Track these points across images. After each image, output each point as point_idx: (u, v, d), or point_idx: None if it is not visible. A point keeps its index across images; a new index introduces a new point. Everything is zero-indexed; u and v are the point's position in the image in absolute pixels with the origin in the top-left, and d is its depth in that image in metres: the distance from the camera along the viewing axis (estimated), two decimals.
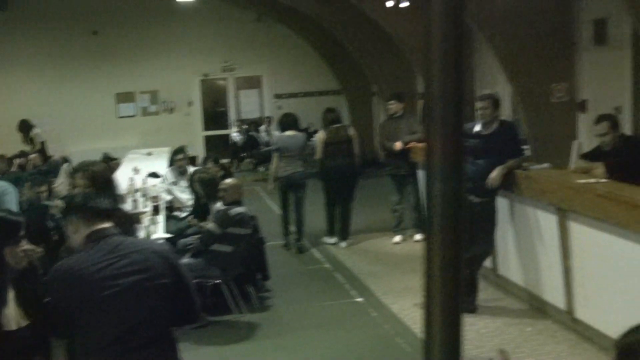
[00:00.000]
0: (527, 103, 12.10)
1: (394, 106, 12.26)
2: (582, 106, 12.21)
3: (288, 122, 12.45)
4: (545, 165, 8.93)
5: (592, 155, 8.41)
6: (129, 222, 5.14)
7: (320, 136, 12.43)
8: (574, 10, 12.35)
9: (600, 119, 8.20)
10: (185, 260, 9.02)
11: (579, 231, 7.79)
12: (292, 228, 12.54)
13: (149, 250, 4.28)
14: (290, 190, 12.25)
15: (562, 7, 12.24)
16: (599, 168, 7.94)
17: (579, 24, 12.30)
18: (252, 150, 21.65)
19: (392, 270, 10.92)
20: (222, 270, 8.85)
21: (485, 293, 9.48)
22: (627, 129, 11.18)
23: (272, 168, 12.45)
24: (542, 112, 12.17)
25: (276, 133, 13.72)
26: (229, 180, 9.53)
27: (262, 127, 22.05)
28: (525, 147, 11.94)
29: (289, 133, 12.28)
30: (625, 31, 11.14)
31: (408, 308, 9.24)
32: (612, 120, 8.14)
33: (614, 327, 7.29)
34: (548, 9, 12.14)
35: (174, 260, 4.37)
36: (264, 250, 10.23)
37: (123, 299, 4.07)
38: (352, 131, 12.70)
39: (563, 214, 7.93)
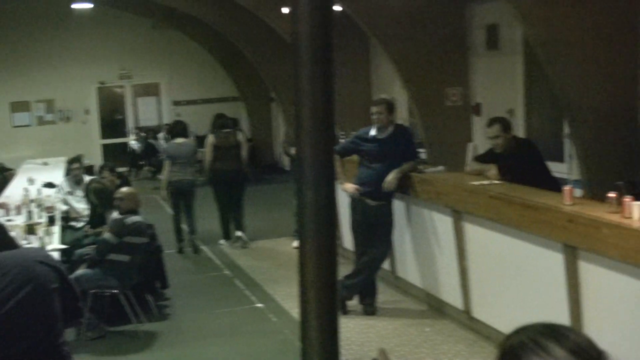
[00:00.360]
0: (423, 107, 12.26)
1: None
2: (476, 109, 12.43)
3: (177, 130, 12.80)
4: (440, 168, 9.04)
5: (485, 158, 8.56)
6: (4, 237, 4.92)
7: (209, 140, 12.73)
8: (467, 16, 12.56)
9: (492, 122, 8.35)
10: (82, 270, 8.87)
11: (474, 232, 7.92)
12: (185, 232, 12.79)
13: (30, 259, 4.16)
14: (180, 196, 12.48)
15: (455, 13, 12.43)
16: (492, 170, 8.09)
17: (471, 29, 12.52)
18: (151, 158, 21.41)
19: (293, 275, 10.77)
20: (120, 280, 8.70)
21: (384, 295, 9.56)
22: (519, 131, 11.42)
23: (164, 175, 12.64)
24: (437, 116, 12.35)
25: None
26: (124, 189, 9.39)
27: (161, 135, 21.78)
28: (421, 150, 12.12)
29: (178, 141, 12.55)
30: (516, 36, 11.37)
31: None
32: (503, 122, 8.28)
33: (510, 325, 7.42)
34: (442, 14, 12.31)
35: (55, 263, 4.28)
36: (162, 258, 10.12)
37: (15, 318, 3.95)
38: (241, 136, 13.11)
39: (458, 215, 8.06)
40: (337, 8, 12.56)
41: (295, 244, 12.31)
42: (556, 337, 2.03)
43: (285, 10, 13.43)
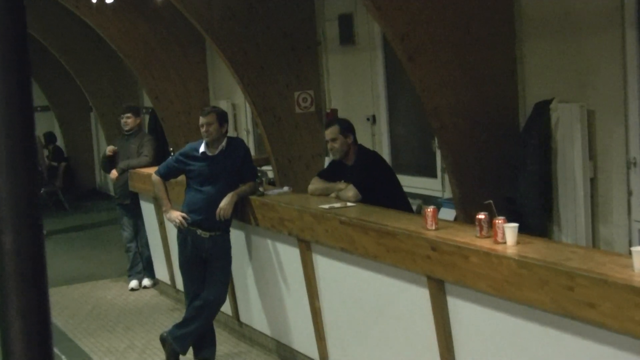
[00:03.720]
0: (267, 115, 12.20)
1: (131, 121, 12.09)
2: (331, 117, 12.42)
3: None
4: (285, 189, 9.01)
5: (330, 173, 8.58)
6: None
7: None
8: (315, 4, 12.63)
9: (329, 123, 8.49)
10: None
11: (325, 266, 7.90)
12: None
13: None
14: None
15: (301, 1, 12.49)
16: (349, 190, 8.07)
17: (322, 20, 12.57)
18: None
19: (115, 326, 10.75)
20: None
21: (226, 345, 9.51)
22: (383, 141, 11.52)
23: None
24: (285, 126, 12.33)
25: None
26: None
27: None
28: (267, 168, 12.13)
29: None
30: (375, 28, 11.42)
31: None
32: (342, 124, 8.36)
33: None
34: (284, 3, 12.33)
35: None
36: None
37: None
38: None
39: (306, 246, 8.02)
40: None
41: (133, 284, 12.20)
42: None
43: None
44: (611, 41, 8.15)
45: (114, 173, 11.93)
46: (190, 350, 8.93)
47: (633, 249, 5.14)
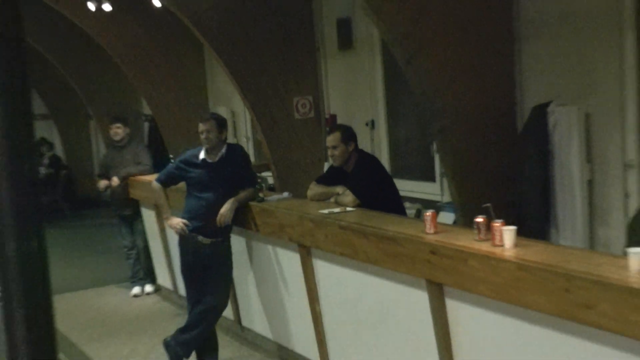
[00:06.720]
0: (266, 121, 12.21)
1: (121, 131, 12.22)
2: (331, 122, 12.46)
3: None
4: (285, 194, 9.04)
5: (329, 178, 8.62)
6: None
7: None
8: (314, 8, 12.66)
9: (332, 129, 8.53)
10: None
11: (325, 270, 7.95)
12: None
13: None
14: None
15: (299, 6, 12.51)
16: (347, 196, 8.10)
17: (321, 25, 12.61)
18: None
19: (118, 332, 10.78)
20: None
21: (229, 350, 9.54)
22: (382, 146, 11.57)
23: None
24: (284, 132, 12.35)
25: None
26: None
27: None
28: (266, 174, 12.16)
29: None
30: (374, 32, 11.45)
31: None
32: (345, 131, 8.41)
33: None
34: (283, 7, 12.36)
35: None
36: None
37: None
38: None
39: (306, 251, 8.07)
40: (157, 3, 12.45)
41: (135, 291, 12.29)
42: None
43: (91, 6, 13.20)
44: (609, 43, 8.20)
45: (115, 180, 11.98)
46: (194, 355, 8.98)
47: (629, 250, 5.18)
